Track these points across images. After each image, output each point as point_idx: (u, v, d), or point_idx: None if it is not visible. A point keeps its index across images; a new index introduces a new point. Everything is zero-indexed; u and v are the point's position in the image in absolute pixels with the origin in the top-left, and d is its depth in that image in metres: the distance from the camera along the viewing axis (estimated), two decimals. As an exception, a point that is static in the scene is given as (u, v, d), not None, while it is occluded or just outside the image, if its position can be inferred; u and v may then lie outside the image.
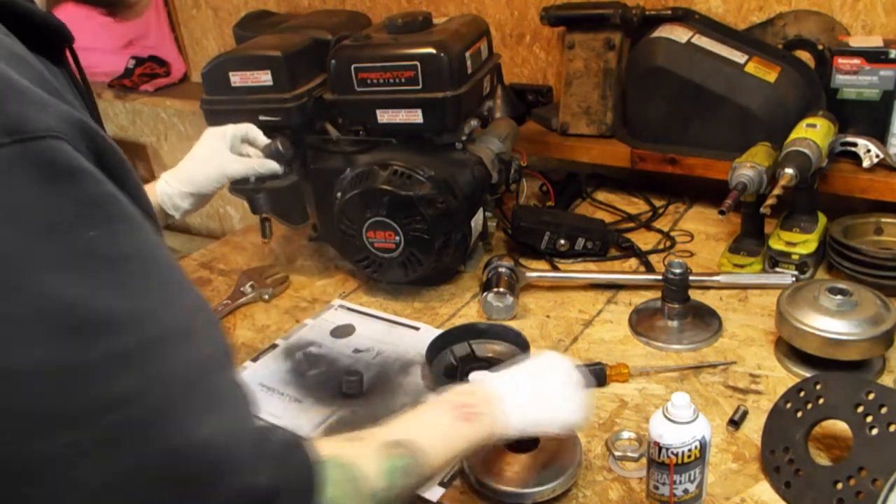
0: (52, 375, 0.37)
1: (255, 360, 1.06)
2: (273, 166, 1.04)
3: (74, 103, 0.45)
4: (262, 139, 1.06)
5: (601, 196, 1.45)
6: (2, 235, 0.37)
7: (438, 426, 0.65)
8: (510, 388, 0.70)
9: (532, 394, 0.70)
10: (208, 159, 0.98)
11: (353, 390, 0.95)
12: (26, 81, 0.41)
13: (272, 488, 0.45)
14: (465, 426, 0.65)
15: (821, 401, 0.76)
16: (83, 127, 0.42)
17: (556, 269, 1.20)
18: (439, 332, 1.02)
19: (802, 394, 0.78)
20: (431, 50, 1.05)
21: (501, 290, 1.06)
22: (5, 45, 0.44)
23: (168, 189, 0.96)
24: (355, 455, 0.55)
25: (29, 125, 0.39)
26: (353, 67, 1.09)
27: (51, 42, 0.52)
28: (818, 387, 0.77)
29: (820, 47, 1.24)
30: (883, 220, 1.12)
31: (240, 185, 1.09)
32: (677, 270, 0.99)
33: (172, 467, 0.41)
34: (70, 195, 0.40)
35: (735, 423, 0.83)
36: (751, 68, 1.22)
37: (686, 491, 0.70)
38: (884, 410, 0.71)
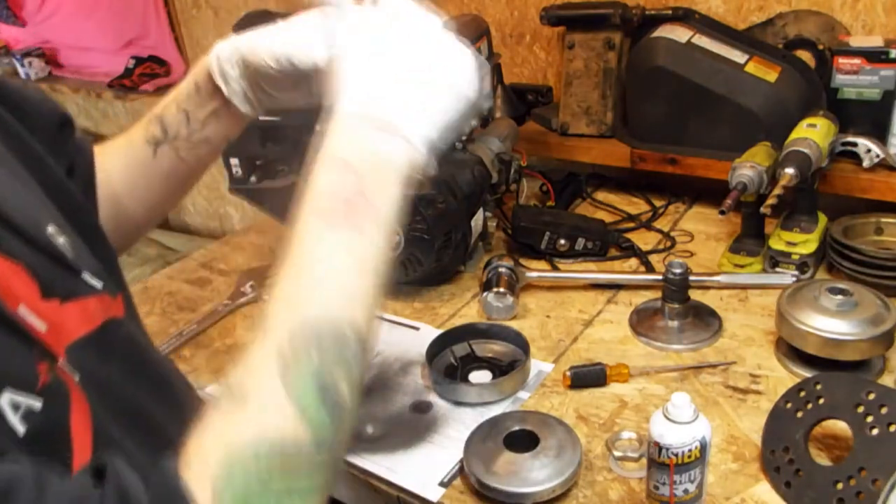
0: None
1: (254, 360, 1.06)
2: None
3: None
4: None
5: (601, 196, 1.45)
6: None
7: (336, 268, 0.47)
8: (389, 100, 0.51)
9: (413, 81, 0.52)
10: (287, 29, 0.65)
11: (353, 390, 0.95)
12: None
13: None
14: (367, 235, 0.48)
15: (821, 401, 0.76)
16: None
17: (556, 269, 1.20)
18: (439, 332, 1.02)
19: (802, 394, 0.78)
20: (431, 50, 1.05)
21: (501, 290, 1.06)
22: None
23: (224, 50, 0.68)
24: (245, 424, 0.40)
25: None
26: (353, 67, 1.09)
27: None
28: (818, 387, 0.77)
29: (820, 47, 1.24)
30: (883, 220, 1.12)
31: (240, 185, 1.08)
32: (677, 270, 0.99)
33: None
34: None
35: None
36: (751, 68, 1.22)
37: (686, 491, 0.70)
38: (884, 410, 0.71)
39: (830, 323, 0.85)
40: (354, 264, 0.47)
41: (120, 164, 0.73)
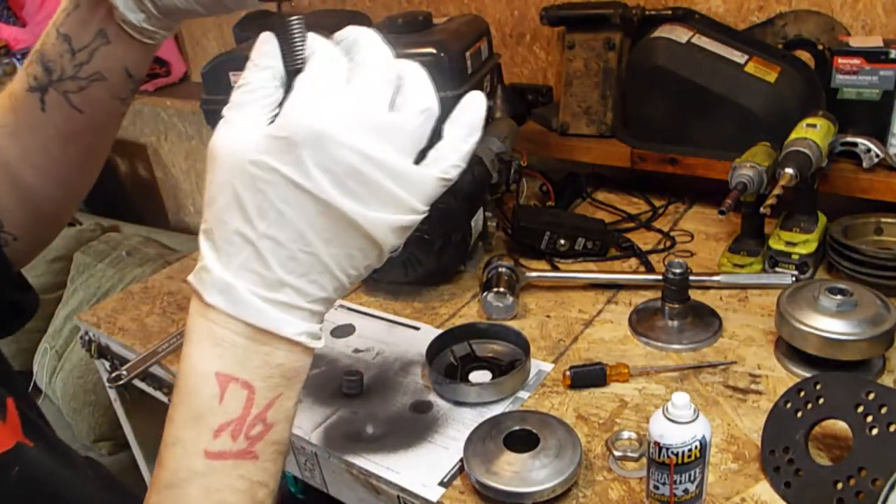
0: None
1: (255, 360, 1.06)
2: None
3: None
4: None
5: (601, 196, 1.45)
6: None
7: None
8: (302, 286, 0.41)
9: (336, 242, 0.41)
10: None
11: (353, 390, 0.95)
12: None
13: None
14: (262, 460, 0.42)
15: (821, 401, 0.76)
16: None
17: (556, 269, 1.20)
18: (439, 332, 1.02)
19: (802, 394, 0.78)
20: (431, 50, 1.05)
21: (501, 290, 1.06)
22: None
23: None
24: None
25: None
26: (353, 67, 1.09)
27: None
28: (818, 387, 0.77)
29: (820, 47, 1.24)
30: (883, 220, 1.12)
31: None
32: (677, 270, 0.99)
33: None
34: None
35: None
36: (751, 68, 1.22)
37: (686, 491, 0.70)
38: (884, 410, 0.71)
39: (830, 323, 0.85)
40: (247, 496, 0.41)
41: (6, 128, 0.60)
